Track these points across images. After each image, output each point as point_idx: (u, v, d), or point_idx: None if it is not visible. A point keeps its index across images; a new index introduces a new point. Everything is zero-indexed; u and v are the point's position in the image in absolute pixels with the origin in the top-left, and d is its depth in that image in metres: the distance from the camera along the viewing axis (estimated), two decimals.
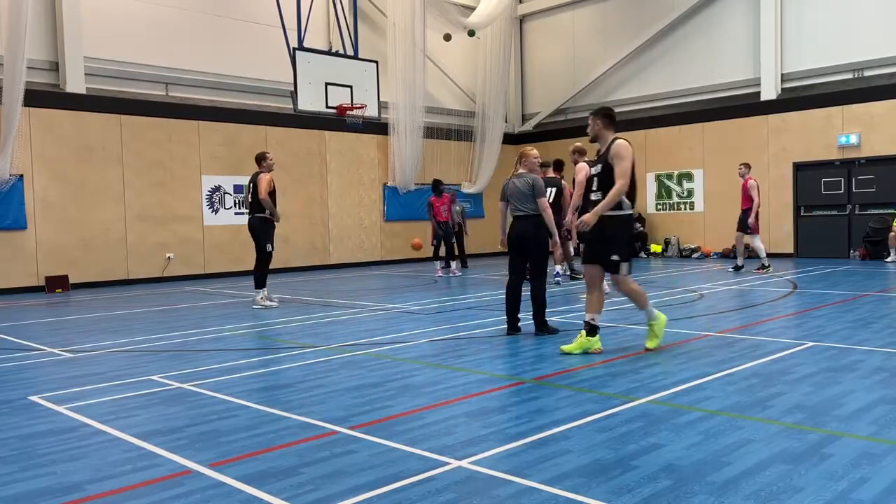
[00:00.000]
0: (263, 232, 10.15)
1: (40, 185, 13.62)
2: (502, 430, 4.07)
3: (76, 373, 6.05)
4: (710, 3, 18.18)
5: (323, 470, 3.50)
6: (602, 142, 6.25)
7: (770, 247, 17.05)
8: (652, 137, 18.93)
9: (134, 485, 3.39)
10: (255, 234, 10.19)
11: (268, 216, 10.13)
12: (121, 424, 4.41)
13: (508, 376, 5.48)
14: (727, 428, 3.98)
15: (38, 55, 13.68)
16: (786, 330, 7.28)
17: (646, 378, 5.24)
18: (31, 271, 13.57)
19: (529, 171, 7.30)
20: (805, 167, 16.61)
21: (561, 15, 21.37)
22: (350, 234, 18.42)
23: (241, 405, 4.80)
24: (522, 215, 7.19)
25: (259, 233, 10.15)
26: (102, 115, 14.33)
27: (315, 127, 17.19)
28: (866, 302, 8.99)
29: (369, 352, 6.62)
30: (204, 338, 7.74)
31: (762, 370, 5.39)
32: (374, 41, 18.04)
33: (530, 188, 7.14)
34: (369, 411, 4.55)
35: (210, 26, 15.99)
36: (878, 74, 15.80)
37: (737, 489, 3.12)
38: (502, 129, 21.17)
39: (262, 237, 10.15)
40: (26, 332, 8.46)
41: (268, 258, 10.23)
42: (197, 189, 15.68)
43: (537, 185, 7.17)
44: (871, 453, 3.52)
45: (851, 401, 4.48)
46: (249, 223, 10.26)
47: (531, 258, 7.24)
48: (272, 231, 10.25)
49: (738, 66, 17.74)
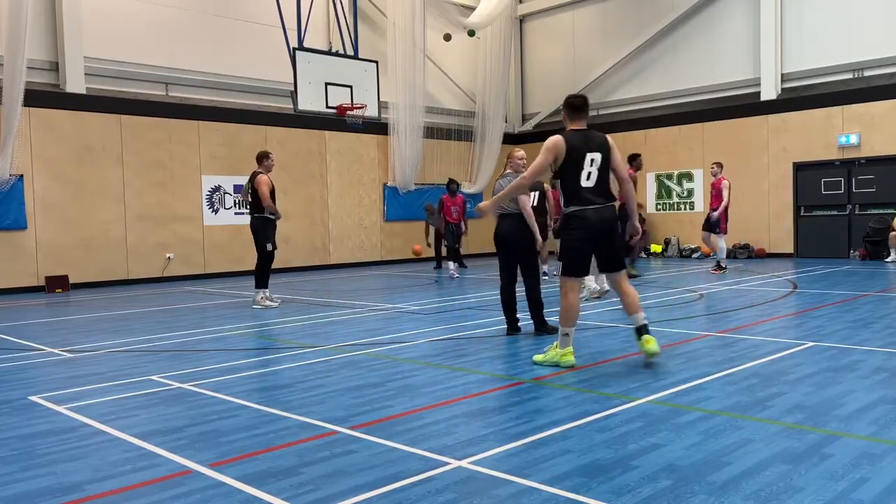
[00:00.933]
0: (264, 232, 10.16)
1: (40, 185, 13.62)
2: (502, 430, 4.07)
3: (76, 373, 6.05)
4: (710, 3, 18.17)
5: (323, 470, 3.50)
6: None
7: (770, 247, 17.09)
8: (652, 137, 18.93)
9: (134, 485, 3.39)
10: (256, 234, 10.21)
11: (269, 216, 10.14)
12: (121, 424, 4.41)
13: (508, 376, 5.48)
14: (727, 428, 3.98)
15: (38, 55, 13.67)
16: (786, 330, 7.27)
17: (646, 378, 5.23)
18: (31, 271, 13.57)
19: (515, 172, 7.25)
20: (805, 167, 16.60)
21: (561, 15, 21.36)
22: (350, 234, 18.42)
23: (241, 405, 4.80)
24: (506, 214, 7.17)
25: (260, 233, 10.17)
26: (102, 115, 14.33)
27: (315, 127, 17.19)
28: (866, 302, 8.98)
29: (369, 352, 6.62)
30: (204, 338, 7.73)
31: (762, 370, 5.39)
32: (374, 41, 18.04)
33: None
34: (369, 411, 4.55)
35: (210, 26, 15.99)
36: (878, 74, 15.80)
37: (737, 489, 3.12)
38: (502, 129, 21.17)
39: (262, 237, 10.16)
40: (26, 332, 8.46)
41: (269, 258, 10.23)
42: (197, 189, 15.68)
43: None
44: (871, 453, 3.52)
45: (851, 401, 4.48)
46: (251, 223, 10.28)
47: (519, 258, 7.20)
48: (273, 231, 10.26)
49: (738, 66, 17.74)
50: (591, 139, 5.72)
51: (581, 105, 5.79)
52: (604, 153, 5.69)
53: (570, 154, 5.62)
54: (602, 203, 5.65)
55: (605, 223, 5.66)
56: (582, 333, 7.28)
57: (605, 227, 5.66)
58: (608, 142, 5.78)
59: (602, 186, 5.69)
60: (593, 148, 5.67)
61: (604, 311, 8.83)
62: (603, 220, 5.64)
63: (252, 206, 10.18)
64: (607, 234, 5.69)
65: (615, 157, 5.79)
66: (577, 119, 5.79)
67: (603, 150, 5.69)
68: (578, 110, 5.78)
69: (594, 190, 5.65)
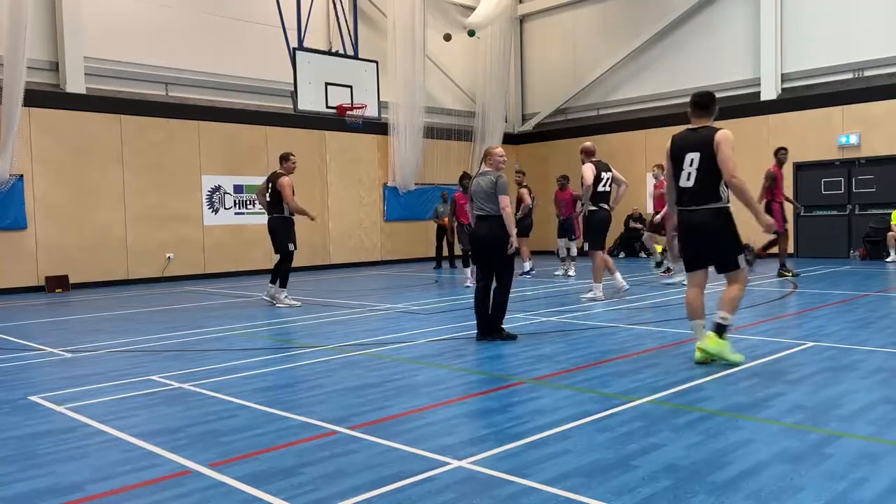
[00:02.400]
0: (284, 232, 10.16)
1: (40, 185, 13.62)
2: (502, 430, 4.07)
3: (76, 373, 6.05)
4: (710, 3, 18.17)
5: (323, 470, 3.50)
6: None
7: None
8: (652, 137, 18.92)
9: (134, 485, 3.39)
10: (276, 235, 10.19)
11: (287, 215, 10.14)
12: (121, 424, 4.41)
13: (508, 376, 5.47)
14: (727, 428, 3.98)
15: (38, 55, 13.67)
16: (786, 330, 7.27)
17: (646, 378, 5.23)
18: (31, 271, 13.57)
19: (495, 169, 6.99)
20: (805, 167, 16.60)
21: (561, 15, 21.36)
22: (350, 234, 18.41)
23: (241, 405, 4.80)
24: (483, 215, 6.93)
25: (280, 233, 10.16)
26: (102, 115, 14.33)
27: (315, 127, 17.18)
28: (866, 302, 8.98)
29: (369, 352, 6.62)
30: (204, 338, 7.73)
31: (762, 370, 5.39)
32: (374, 41, 18.03)
33: (493, 186, 6.84)
34: (369, 411, 4.55)
35: (210, 26, 15.99)
36: (878, 74, 15.80)
37: (737, 489, 3.12)
38: (502, 129, 21.17)
39: (283, 237, 10.15)
40: (26, 332, 8.46)
41: (290, 257, 10.24)
42: (197, 189, 15.68)
43: (500, 182, 6.85)
44: (871, 453, 3.52)
45: (851, 401, 4.48)
46: (269, 224, 10.27)
47: (496, 261, 6.95)
48: (293, 230, 10.27)
49: (738, 66, 17.73)
50: (691, 138, 5.57)
51: (696, 102, 5.64)
52: (703, 151, 5.43)
53: (671, 154, 5.64)
54: (696, 206, 5.47)
55: (695, 226, 5.51)
56: (582, 334, 7.29)
57: (698, 230, 5.51)
58: (711, 139, 5.43)
59: (701, 187, 5.44)
60: (692, 147, 5.50)
61: (604, 312, 8.83)
62: (692, 223, 5.52)
63: (270, 206, 10.17)
64: (704, 237, 5.53)
65: (719, 155, 5.39)
66: (694, 116, 5.66)
67: (702, 149, 5.44)
68: (694, 107, 5.65)
69: (690, 191, 5.50)
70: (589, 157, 9.81)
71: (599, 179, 9.68)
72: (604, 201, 9.78)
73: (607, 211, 9.86)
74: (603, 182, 9.73)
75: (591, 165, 9.68)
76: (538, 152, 21.56)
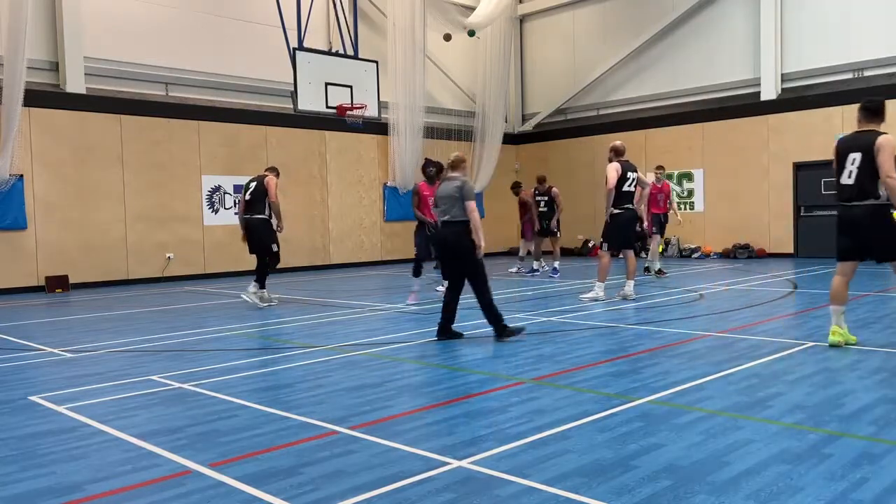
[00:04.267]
0: (266, 233, 10.13)
1: (40, 185, 13.62)
2: (502, 430, 4.07)
3: (76, 373, 6.05)
4: (710, 3, 18.17)
5: (323, 470, 3.50)
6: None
7: (770, 247, 17.08)
8: (652, 137, 18.93)
9: (134, 485, 3.39)
10: (258, 235, 10.15)
11: (267, 217, 10.12)
12: (121, 424, 4.41)
13: (508, 376, 5.48)
14: (727, 428, 3.98)
15: (38, 55, 13.66)
16: (786, 330, 7.28)
17: (646, 378, 5.24)
18: (31, 271, 13.57)
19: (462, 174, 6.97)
20: (805, 167, 16.60)
21: (561, 15, 21.36)
22: (350, 234, 18.41)
23: (241, 405, 4.80)
24: (448, 221, 6.88)
25: (262, 234, 10.12)
26: (102, 115, 14.33)
27: (315, 127, 17.18)
28: (866, 302, 8.98)
29: (369, 352, 6.62)
30: (204, 338, 7.73)
31: (762, 370, 5.39)
32: (374, 41, 18.03)
33: (458, 191, 6.80)
34: (369, 411, 4.55)
35: (210, 26, 15.98)
36: (878, 74, 15.79)
37: (737, 489, 3.12)
38: (502, 129, 21.16)
39: (265, 238, 10.12)
40: (26, 332, 8.46)
41: (276, 258, 10.20)
42: (197, 189, 15.67)
43: (465, 187, 6.80)
44: (871, 453, 3.52)
45: (851, 401, 4.48)
46: (249, 224, 10.20)
47: (463, 265, 6.88)
48: (274, 231, 10.24)
49: (738, 66, 17.73)
50: (856, 139, 6.07)
51: (866, 107, 6.08)
52: (865, 152, 5.91)
53: (837, 154, 6.18)
54: (855, 202, 6.02)
55: (852, 220, 6.10)
56: (581, 334, 7.29)
57: (854, 224, 6.09)
58: (874, 142, 5.90)
59: (860, 185, 5.95)
60: (856, 148, 6.01)
61: (604, 312, 8.83)
62: (849, 218, 6.11)
63: (249, 205, 10.11)
64: (860, 231, 6.07)
65: (878, 157, 5.83)
66: (862, 120, 6.12)
67: (864, 150, 5.92)
68: (864, 111, 6.10)
69: (850, 187, 6.03)
70: (618, 156, 9.75)
71: (625, 179, 9.66)
72: (628, 202, 9.77)
73: (633, 211, 9.87)
74: (628, 182, 9.71)
75: (616, 165, 9.64)
76: (538, 152, 21.56)
